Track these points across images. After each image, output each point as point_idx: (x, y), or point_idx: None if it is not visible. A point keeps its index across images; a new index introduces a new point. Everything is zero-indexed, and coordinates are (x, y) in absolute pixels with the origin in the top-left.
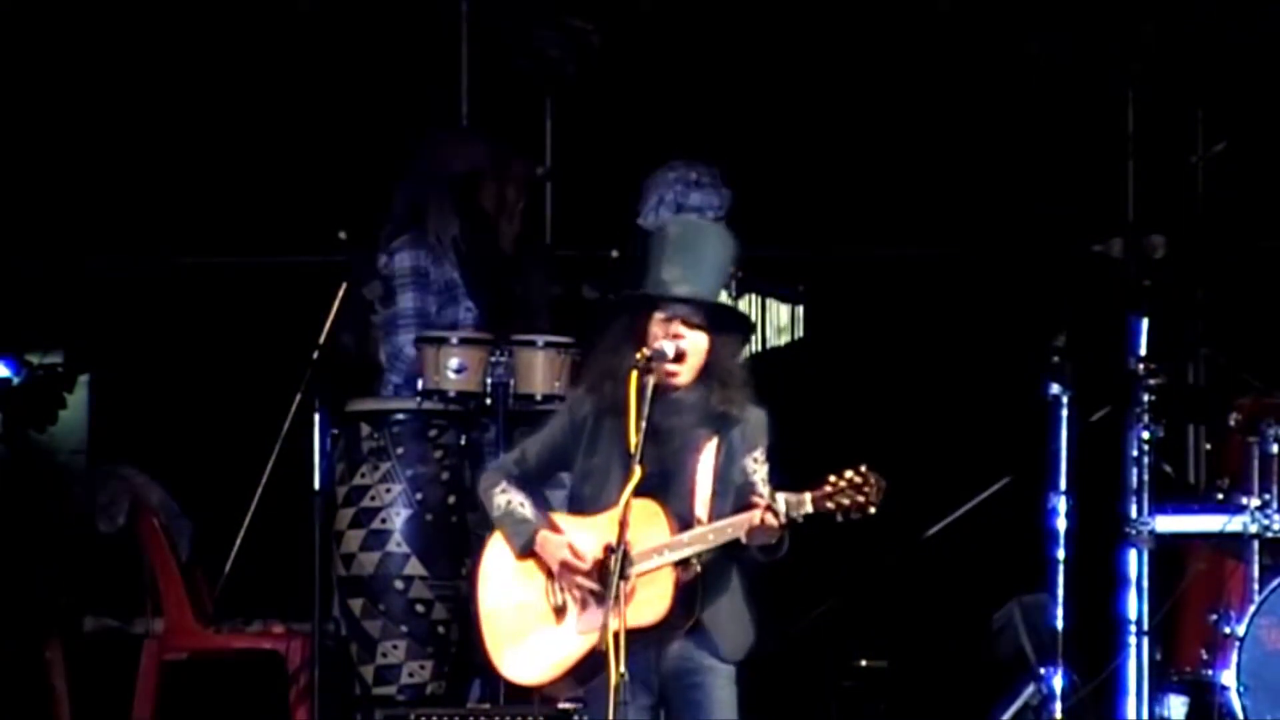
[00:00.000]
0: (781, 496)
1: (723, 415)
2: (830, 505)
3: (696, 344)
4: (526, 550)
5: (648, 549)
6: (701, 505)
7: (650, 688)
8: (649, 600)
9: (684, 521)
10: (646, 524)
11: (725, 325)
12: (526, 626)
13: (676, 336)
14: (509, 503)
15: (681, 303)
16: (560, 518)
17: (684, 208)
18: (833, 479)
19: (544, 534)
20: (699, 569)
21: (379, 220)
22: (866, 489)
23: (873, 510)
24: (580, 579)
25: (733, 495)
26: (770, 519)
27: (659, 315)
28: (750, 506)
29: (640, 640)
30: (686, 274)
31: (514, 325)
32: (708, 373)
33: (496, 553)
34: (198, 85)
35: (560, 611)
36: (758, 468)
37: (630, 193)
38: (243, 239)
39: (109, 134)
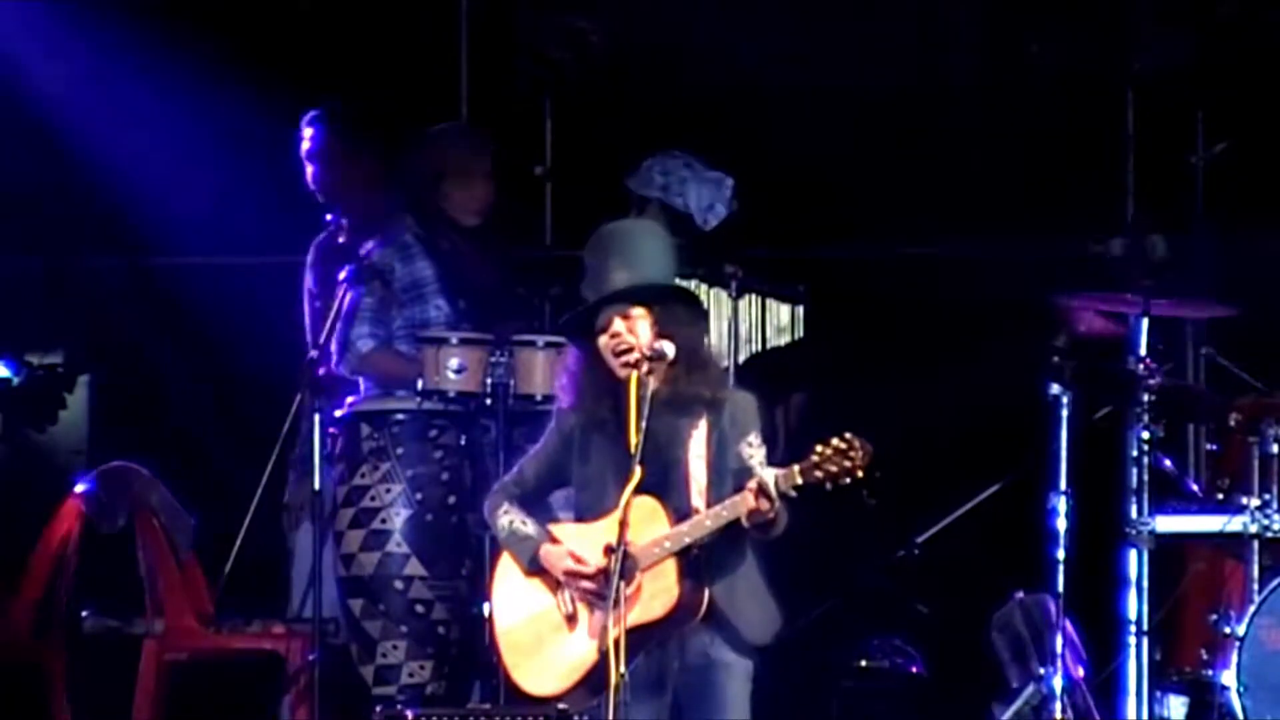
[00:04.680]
0: (771, 473)
1: (698, 398)
2: (819, 474)
3: (640, 329)
4: (533, 566)
5: (648, 544)
6: (698, 495)
7: (666, 684)
8: (657, 593)
9: (682, 515)
10: (646, 521)
11: (667, 304)
12: (541, 638)
13: (615, 336)
14: (511, 523)
15: (610, 302)
16: (561, 527)
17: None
18: (819, 448)
19: (545, 548)
20: (696, 552)
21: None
22: (852, 454)
23: (860, 475)
24: (585, 583)
25: (730, 481)
26: (762, 499)
27: (599, 328)
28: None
29: (657, 635)
30: (615, 275)
31: (486, 323)
32: (674, 358)
33: (506, 573)
34: (198, 85)
35: (572, 620)
36: (754, 452)
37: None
38: (244, 238)
39: (108, 133)
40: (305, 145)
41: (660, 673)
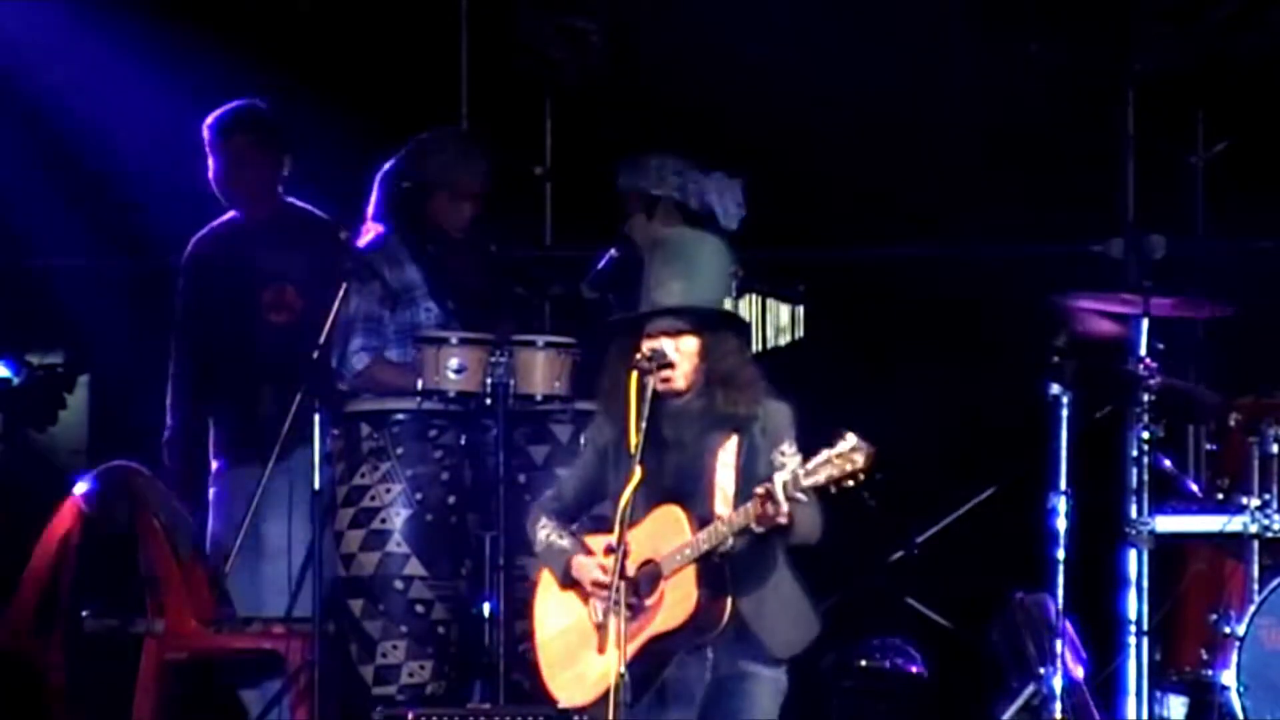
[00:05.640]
0: (778, 477)
1: (732, 416)
2: (821, 477)
3: (687, 350)
4: (566, 579)
5: (671, 551)
6: (724, 504)
7: (696, 694)
8: (677, 601)
9: (706, 523)
10: (668, 530)
11: (716, 327)
12: (574, 650)
13: (656, 350)
14: (548, 536)
15: (664, 315)
16: (594, 539)
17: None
18: (824, 451)
19: (576, 559)
20: (718, 560)
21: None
22: (856, 455)
23: (864, 476)
24: (607, 592)
25: None
26: (768, 504)
27: (646, 334)
28: None
29: (681, 644)
30: (672, 285)
31: (476, 324)
32: (709, 377)
33: (546, 586)
34: (198, 86)
35: (602, 629)
36: (786, 460)
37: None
38: None
39: (109, 133)
40: (221, 146)
41: (690, 683)
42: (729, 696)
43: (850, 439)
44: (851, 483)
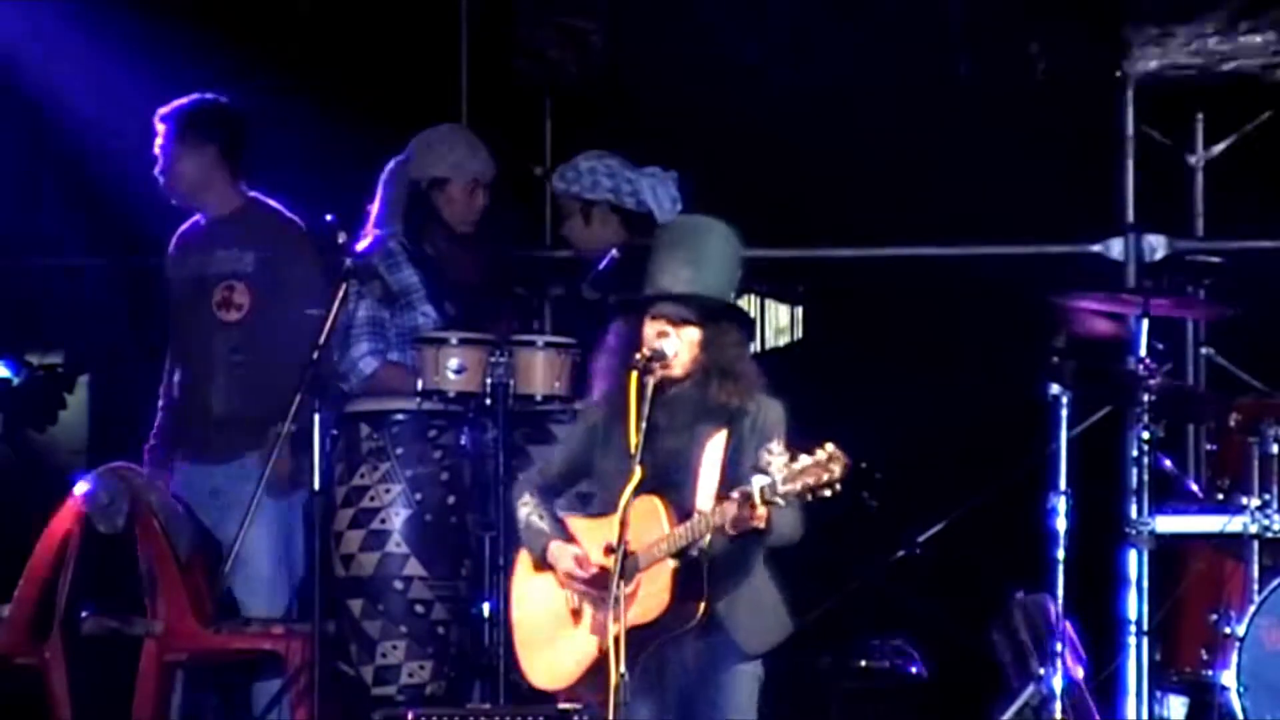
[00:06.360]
0: (756, 481)
1: (724, 408)
2: (797, 485)
3: (688, 339)
4: (543, 561)
5: (647, 545)
6: (705, 498)
7: (667, 684)
8: (651, 595)
9: (686, 515)
10: (645, 520)
11: (718, 319)
12: (549, 632)
13: (662, 335)
14: (528, 514)
15: (668, 301)
16: (574, 521)
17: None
18: (803, 459)
19: (554, 544)
20: (696, 556)
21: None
22: (832, 464)
23: (838, 488)
24: (582, 587)
25: None
26: (745, 507)
27: (649, 316)
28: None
29: (654, 636)
30: (680, 271)
31: (474, 325)
32: (706, 368)
33: (524, 564)
34: (199, 86)
35: (577, 614)
36: (772, 459)
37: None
38: None
39: (111, 133)
40: (158, 141)
41: (661, 672)
42: (706, 687)
43: (828, 448)
44: (828, 492)
